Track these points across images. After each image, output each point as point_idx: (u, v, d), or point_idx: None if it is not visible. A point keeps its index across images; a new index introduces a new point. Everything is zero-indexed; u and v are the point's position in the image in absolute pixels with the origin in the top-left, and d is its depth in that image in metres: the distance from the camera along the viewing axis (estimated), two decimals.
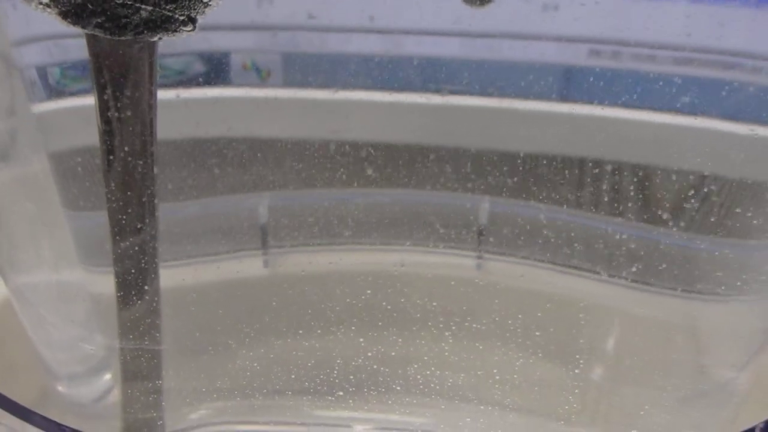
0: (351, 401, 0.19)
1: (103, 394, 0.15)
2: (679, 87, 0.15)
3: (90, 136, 0.14)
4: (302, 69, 0.21)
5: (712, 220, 0.14)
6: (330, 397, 0.19)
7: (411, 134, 0.19)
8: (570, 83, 0.17)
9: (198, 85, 0.19)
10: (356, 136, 0.20)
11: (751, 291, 0.14)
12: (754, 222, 0.13)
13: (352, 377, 0.19)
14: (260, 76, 0.24)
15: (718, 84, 0.14)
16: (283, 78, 0.22)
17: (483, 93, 0.18)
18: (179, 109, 0.18)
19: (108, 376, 0.16)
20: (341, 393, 0.19)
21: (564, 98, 0.17)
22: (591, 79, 0.16)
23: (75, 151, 0.15)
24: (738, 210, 0.13)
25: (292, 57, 0.22)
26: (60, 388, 0.15)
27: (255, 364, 0.19)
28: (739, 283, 0.14)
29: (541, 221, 0.17)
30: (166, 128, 0.16)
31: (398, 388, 0.19)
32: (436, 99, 0.19)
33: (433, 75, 0.19)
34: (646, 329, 0.17)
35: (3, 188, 0.15)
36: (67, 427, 0.12)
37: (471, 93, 0.18)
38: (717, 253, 0.14)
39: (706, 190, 0.15)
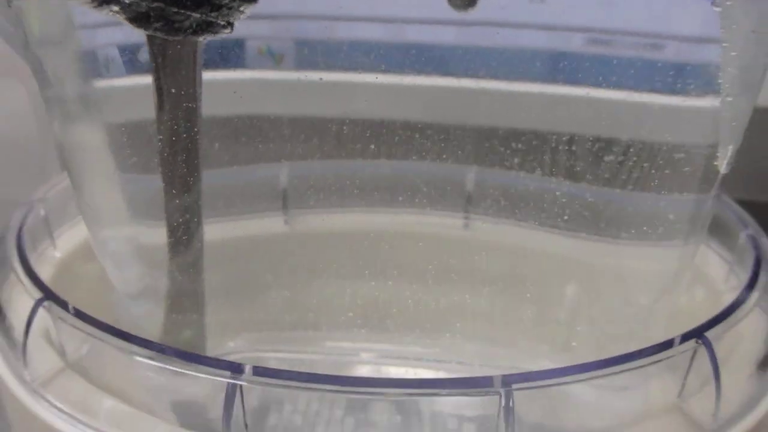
0: (358, 335, 0.22)
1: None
2: (599, 68, 0.18)
3: (149, 110, 0.17)
4: (312, 54, 0.23)
5: (624, 177, 0.17)
6: (340, 332, 0.22)
7: (407, 112, 0.22)
8: (521, 66, 0.20)
9: (224, 68, 0.22)
10: (361, 114, 0.23)
11: (655, 236, 0.18)
12: (657, 178, 0.17)
13: (359, 316, 0.22)
14: (274, 59, 0.27)
15: (624, 63, 0.17)
16: (295, 62, 0.25)
17: (468, 75, 0.21)
18: (210, 89, 0.21)
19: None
20: (350, 329, 0.22)
21: (518, 79, 0.20)
22: (538, 63, 0.19)
23: (137, 122, 0.18)
24: (645, 166, 0.17)
25: (302, 43, 0.24)
26: (129, 318, 0.19)
27: (278, 305, 0.22)
28: (645, 228, 0.17)
29: (511, 186, 0.20)
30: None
31: (396, 325, 0.22)
32: (428, 81, 0.22)
33: (425, 59, 0.22)
34: (584, 271, 0.20)
35: (84, 152, 0.19)
36: (167, 347, 0.15)
37: (457, 75, 0.21)
38: (630, 206, 0.17)
39: (622, 153, 0.18)
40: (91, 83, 0.19)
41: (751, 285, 0.17)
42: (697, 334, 0.15)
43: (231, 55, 0.21)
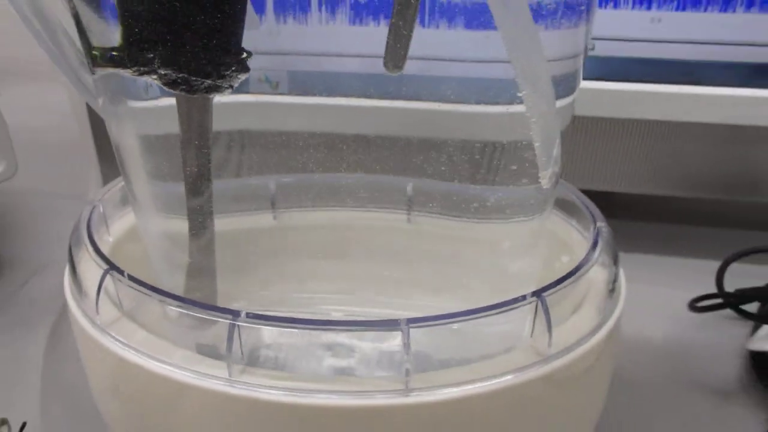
0: (330, 300, 0.30)
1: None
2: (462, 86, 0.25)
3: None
4: (301, 82, 0.31)
5: (492, 175, 0.25)
6: (316, 297, 0.30)
7: (365, 129, 0.29)
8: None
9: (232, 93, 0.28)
10: (337, 130, 0.30)
11: (513, 214, 0.25)
12: (512, 169, 0.24)
13: (331, 285, 0.30)
14: (271, 86, 0.34)
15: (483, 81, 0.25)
16: (288, 88, 0.32)
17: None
18: (217, 109, 0.28)
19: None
20: (324, 294, 0.30)
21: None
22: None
23: (167, 136, 0.26)
24: (499, 163, 0.24)
25: (294, 73, 0.32)
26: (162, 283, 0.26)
27: (268, 278, 0.30)
28: (508, 211, 0.25)
29: (431, 189, 0.28)
30: None
31: (358, 290, 0.30)
32: (389, 103, 0.29)
33: (385, 86, 0.29)
34: (468, 244, 0.28)
35: (131, 157, 0.26)
36: (190, 299, 0.23)
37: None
38: (491, 194, 0.25)
39: (489, 155, 0.25)
40: (134, 102, 0.26)
41: (585, 261, 0.25)
42: (538, 293, 0.23)
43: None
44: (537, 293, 0.23)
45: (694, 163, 0.40)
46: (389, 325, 0.22)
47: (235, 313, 0.23)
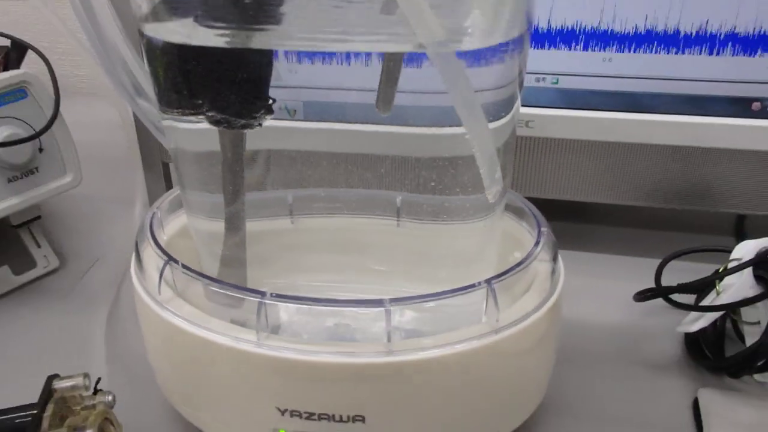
0: (336, 285, 0.38)
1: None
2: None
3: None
4: (315, 110, 0.38)
5: (437, 185, 0.32)
6: (325, 282, 0.38)
7: (369, 149, 0.36)
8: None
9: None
10: (342, 150, 0.37)
11: (467, 218, 0.33)
12: (459, 179, 0.32)
13: (337, 274, 0.38)
14: (290, 114, 0.41)
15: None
16: (303, 115, 0.40)
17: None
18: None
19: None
20: (330, 281, 0.38)
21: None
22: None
23: (210, 158, 0.34)
24: (452, 174, 0.32)
25: (308, 104, 0.39)
26: (205, 270, 0.34)
27: (287, 268, 0.38)
28: (463, 215, 0.33)
29: (413, 202, 0.35)
30: None
31: (358, 277, 0.38)
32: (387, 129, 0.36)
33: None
34: (439, 242, 0.35)
35: (182, 169, 0.34)
36: (228, 282, 0.31)
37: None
38: (446, 203, 0.32)
39: (440, 169, 0.32)
40: (189, 135, 0.34)
41: (528, 256, 0.32)
42: (489, 281, 0.30)
43: None
44: (488, 281, 0.30)
45: (645, 177, 0.47)
46: (376, 303, 0.30)
47: (263, 294, 0.30)
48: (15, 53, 0.48)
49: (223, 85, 0.30)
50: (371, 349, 0.29)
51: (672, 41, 0.42)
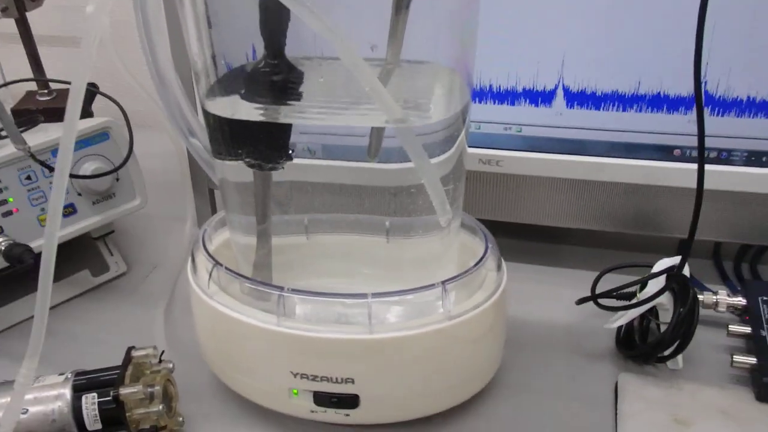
0: (340, 284, 0.50)
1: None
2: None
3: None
4: (331, 151, 0.50)
5: (414, 207, 0.44)
6: (332, 282, 0.50)
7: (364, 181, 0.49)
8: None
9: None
10: (356, 182, 0.49)
11: (435, 233, 0.44)
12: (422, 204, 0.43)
13: (340, 275, 0.50)
14: (311, 153, 0.53)
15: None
16: (322, 154, 0.52)
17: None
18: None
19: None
20: (336, 281, 0.50)
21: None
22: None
23: (246, 189, 0.46)
24: (421, 202, 0.43)
25: (326, 146, 0.51)
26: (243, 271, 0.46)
27: (304, 272, 0.50)
28: (434, 231, 0.44)
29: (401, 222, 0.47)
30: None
31: (355, 278, 0.49)
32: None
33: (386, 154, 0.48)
34: (408, 250, 0.47)
35: (226, 194, 0.47)
36: (258, 280, 0.43)
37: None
38: (418, 221, 0.44)
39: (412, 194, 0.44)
40: (232, 171, 0.46)
41: (476, 265, 0.43)
42: (443, 282, 0.42)
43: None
44: (443, 282, 0.42)
45: (596, 206, 0.58)
46: (361, 296, 0.41)
47: (282, 288, 0.42)
48: (86, 95, 0.60)
49: (256, 142, 0.42)
50: (358, 330, 0.41)
51: (611, 99, 0.53)
